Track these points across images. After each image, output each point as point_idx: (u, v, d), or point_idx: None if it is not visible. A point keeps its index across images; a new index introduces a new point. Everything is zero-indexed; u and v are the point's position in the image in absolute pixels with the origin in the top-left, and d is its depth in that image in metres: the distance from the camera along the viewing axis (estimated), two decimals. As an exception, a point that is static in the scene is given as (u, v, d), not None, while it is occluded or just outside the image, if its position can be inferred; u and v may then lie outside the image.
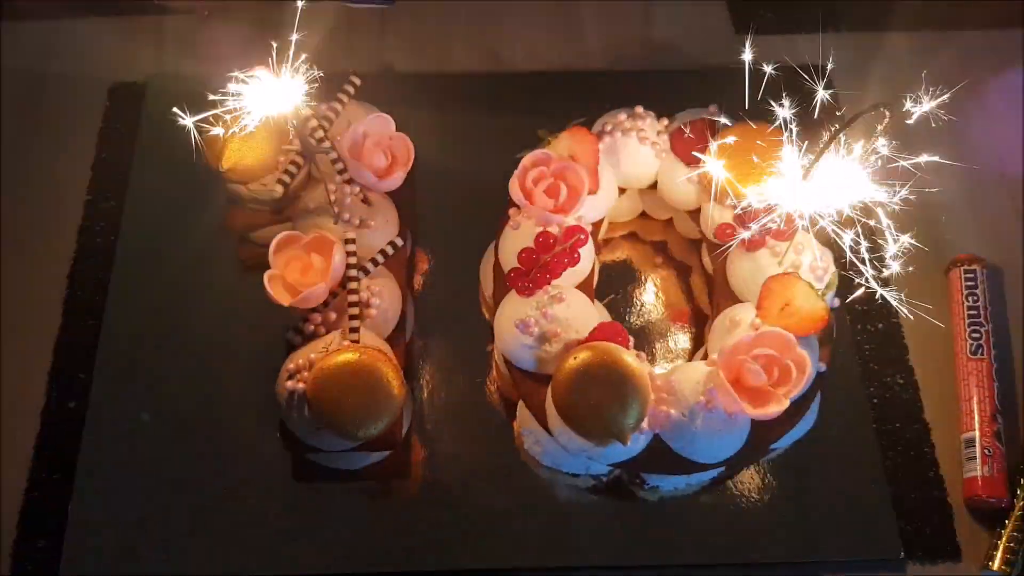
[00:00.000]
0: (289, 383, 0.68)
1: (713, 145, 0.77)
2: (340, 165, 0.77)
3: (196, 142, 0.66)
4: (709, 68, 1.00)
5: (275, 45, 0.62)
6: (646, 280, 0.90)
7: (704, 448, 0.71)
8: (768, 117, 0.69)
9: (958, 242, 0.91)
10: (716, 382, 0.70)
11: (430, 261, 0.90)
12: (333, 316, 0.72)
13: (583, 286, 0.78)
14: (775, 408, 0.69)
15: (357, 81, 0.82)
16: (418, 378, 0.83)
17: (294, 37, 0.65)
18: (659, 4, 1.06)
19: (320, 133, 0.75)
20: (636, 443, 0.71)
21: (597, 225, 0.83)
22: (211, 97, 0.62)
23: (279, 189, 0.77)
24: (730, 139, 0.76)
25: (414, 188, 0.88)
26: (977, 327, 0.85)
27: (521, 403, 0.78)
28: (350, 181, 0.77)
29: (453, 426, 0.82)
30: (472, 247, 0.87)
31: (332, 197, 0.76)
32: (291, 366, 0.69)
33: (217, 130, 0.69)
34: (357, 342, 0.70)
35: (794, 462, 0.80)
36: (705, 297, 0.89)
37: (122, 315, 0.84)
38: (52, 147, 0.94)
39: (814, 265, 0.76)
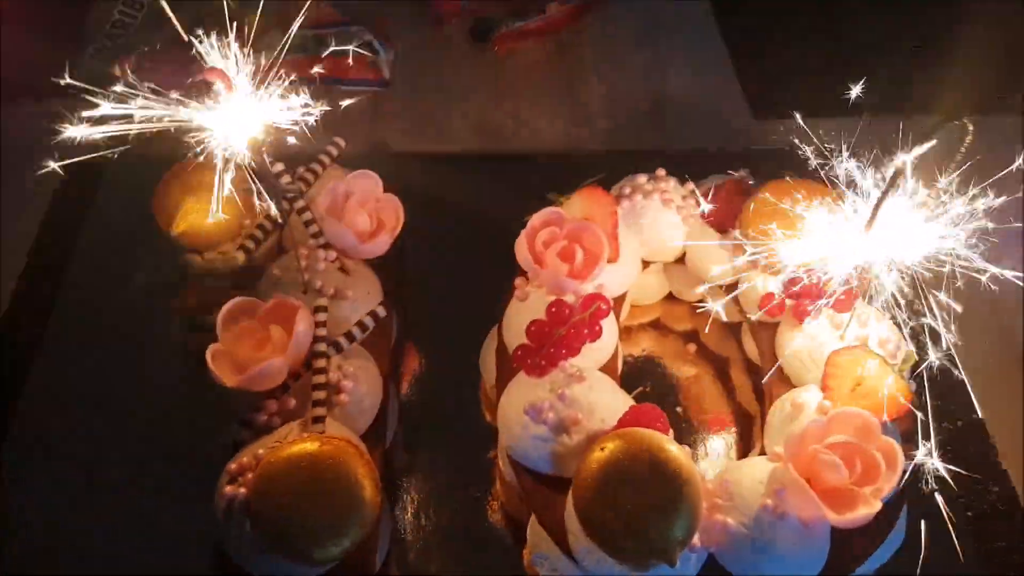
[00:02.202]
0: (228, 489, 0.52)
1: (749, 205, 0.67)
2: (314, 228, 0.65)
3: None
4: (727, 151, 0.91)
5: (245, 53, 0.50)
6: (677, 376, 0.76)
7: (775, 570, 0.54)
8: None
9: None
10: (786, 479, 0.54)
11: (419, 351, 0.76)
12: (292, 403, 0.57)
13: (607, 370, 0.64)
14: (864, 511, 0.53)
15: (341, 143, 0.72)
16: (400, 493, 0.67)
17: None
18: (670, 85, 0.99)
19: (287, 179, 0.64)
20: (687, 566, 0.54)
21: (618, 303, 0.70)
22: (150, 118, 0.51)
23: (240, 256, 0.65)
24: (766, 195, 0.66)
25: (404, 267, 0.76)
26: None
27: (532, 520, 0.61)
28: (326, 246, 0.65)
29: (444, 554, 0.65)
30: (471, 335, 0.73)
31: (303, 263, 0.63)
32: (233, 467, 0.53)
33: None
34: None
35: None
36: (749, 393, 0.75)
37: (42, 400, 0.71)
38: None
39: (883, 339, 0.63)
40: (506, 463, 0.64)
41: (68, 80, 0.57)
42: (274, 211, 0.58)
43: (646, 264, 0.73)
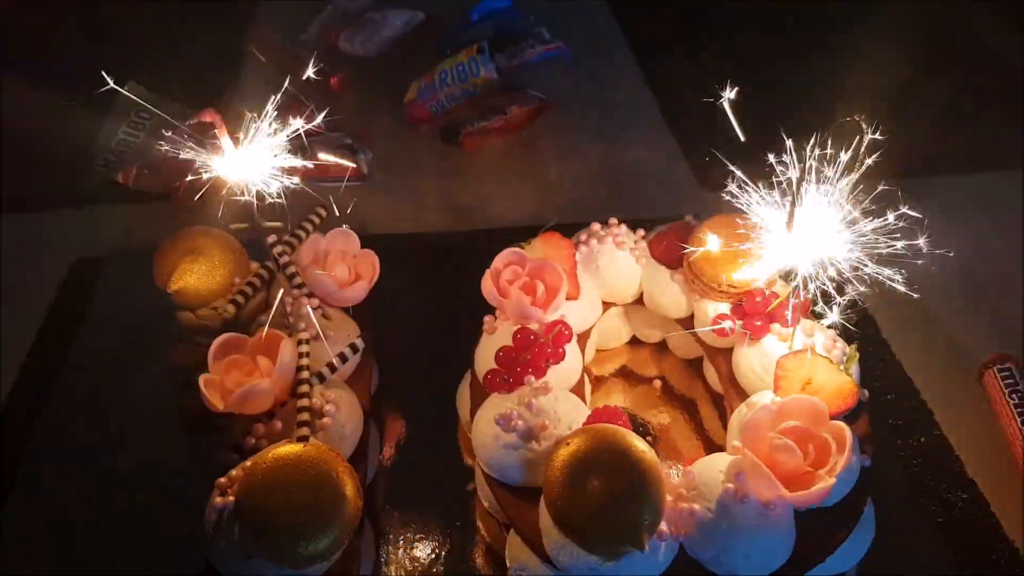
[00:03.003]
0: (218, 500, 0.55)
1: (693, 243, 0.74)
2: (298, 279, 0.71)
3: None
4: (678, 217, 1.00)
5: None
6: (651, 424, 0.79)
7: (743, 556, 0.56)
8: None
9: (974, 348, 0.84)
10: (744, 464, 0.57)
11: (398, 397, 0.80)
12: (279, 426, 0.61)
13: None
14: (820, 487, 0.55)
15: (323, 213, 0.79)
16: (382, 527, 0.69)
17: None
18: (623, 164, 1.09)
19: (273, 237, 0.70)
20: (656, 555, 0.56)
21: (582, 339, 0.75)
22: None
23: (231, 309, 0.71)
24: (706, 231, 0.73)
25: (383, 324, 0.82)
26: (1033, 423, 0.74)
27: (511, 537, 0.63)
28: (309, 294, 0.71)
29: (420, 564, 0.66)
30: (446, 381, 0.77)
31: (288, 309, 0.69)
32: (223, 480, 0.56)
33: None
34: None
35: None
36: (716, 422, 0.78)
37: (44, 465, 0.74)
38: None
39: (827, 345, 0.68)
40: (484, 490, 0.66)
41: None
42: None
43: (608, 305, 0.79)
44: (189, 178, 0.63)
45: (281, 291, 0.70)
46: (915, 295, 0.60)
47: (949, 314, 0.87)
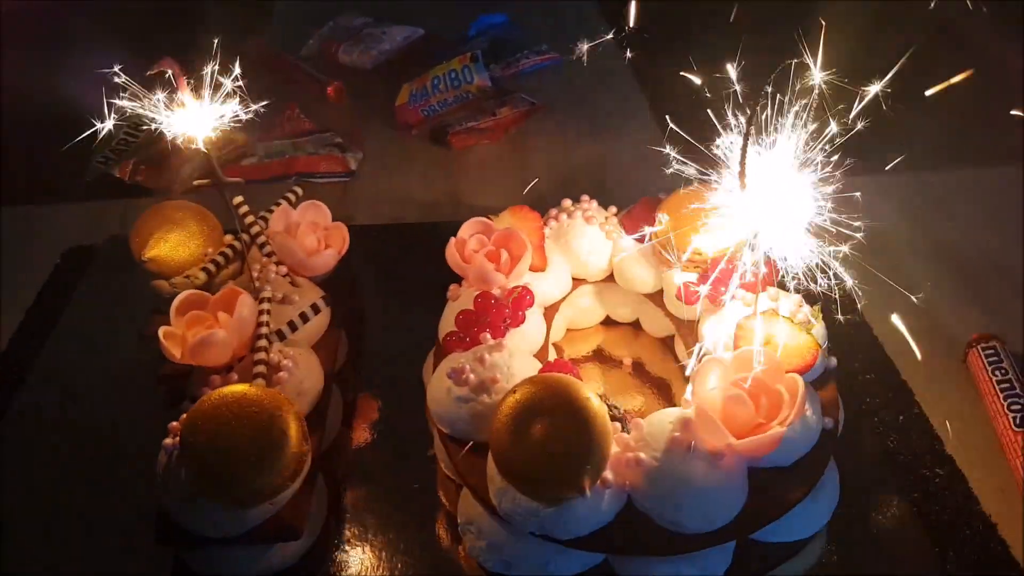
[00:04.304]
0: (167, 441, 0.56)
1: (660, 215, 0.74)
2: (268, 248, 0.72)
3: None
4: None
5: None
6: (626, 409, 0.77)
7: (691, 507, 0.55)
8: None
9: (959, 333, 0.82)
10: (693, 413, 0.56)
11: (369, 369, 0.80)
12: (235, 378, 0.62)
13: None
14: (770, 435, 0.55)
15: (299, 191, 0.81)
16: (341, 490, 0.69)
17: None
18: (610, 157, 1.10)
19: (245, 207, 0.72)
20: (599, 504, 0.55)
21: (550, 312, 0.75)
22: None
23: (201, 276, 0.72)
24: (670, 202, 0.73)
25: (358, 303, 0.83)
26: (1016, 398, 0.72)
27: (463, 494, 0.63)
28: (278, 262, 0.72)
29: (386, 550, 0.65)
30: (416, 355, 0.77)
31: (256, 274, 0.70)
32: (174, 424, 0.57)
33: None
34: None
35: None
36: (687, 399, 0.77)
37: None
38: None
39: (793, 310, 0.67)
40: (442, 452, 0.66)
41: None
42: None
43: (579, 283, 0.79)
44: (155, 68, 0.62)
45: (250, 260, 0.71)
46: (850, 280, 0.59)
47: (936, 297, 0.86)
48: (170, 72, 0.55)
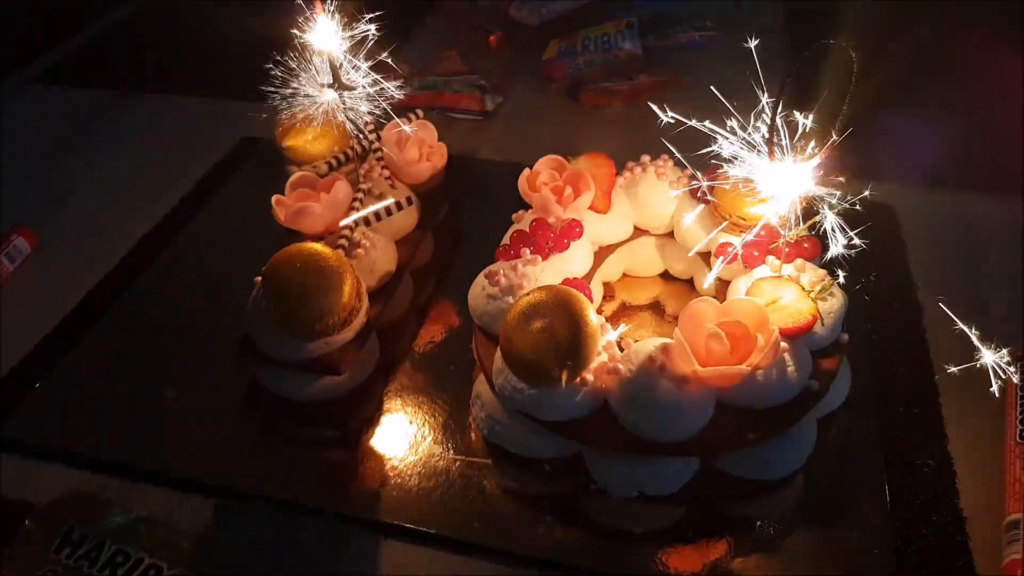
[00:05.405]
0: (257, 279, 0.72)
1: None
2: (379, 153, 0.87)
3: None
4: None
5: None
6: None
7: (650, 417, 0.62)
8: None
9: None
10: (673, 340, 0.63)
11: (444, 280, 0.92)
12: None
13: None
14: (732, 371, 0.61)
15: (420, 113, 0.95)
16: (390, 377, 0.81)
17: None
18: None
19: (368, 118, 0.87)
20: (576, 397, 0.64)
21: (604, 252, 0.83)
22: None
23: (324, 168, 0.88)
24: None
25: (456, 222, 0.95)
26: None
27: (480, 377, 0.74)
28: (384, 165, 0.86)
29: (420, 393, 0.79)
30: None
31: (362, 171, 0.85)
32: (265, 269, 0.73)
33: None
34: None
35: (803, 550, 0.66)
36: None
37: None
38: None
39: (812, 281, 0.71)
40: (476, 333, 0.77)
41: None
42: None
43: (640, 233, 0.86)
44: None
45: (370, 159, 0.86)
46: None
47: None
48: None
